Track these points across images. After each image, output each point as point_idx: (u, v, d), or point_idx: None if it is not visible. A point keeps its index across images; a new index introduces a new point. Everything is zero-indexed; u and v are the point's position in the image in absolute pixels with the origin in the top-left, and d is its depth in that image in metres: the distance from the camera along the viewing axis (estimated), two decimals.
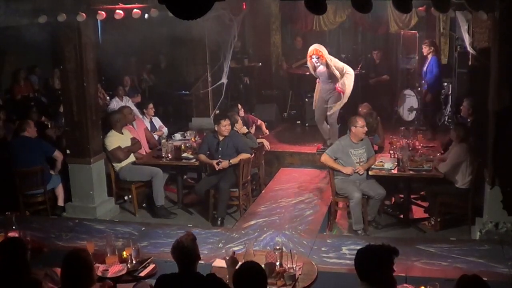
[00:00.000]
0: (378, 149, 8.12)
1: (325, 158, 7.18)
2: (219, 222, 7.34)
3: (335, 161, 7.09)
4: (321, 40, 12.38)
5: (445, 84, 10.63)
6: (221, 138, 7.57)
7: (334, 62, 8.43)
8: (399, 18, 10.95)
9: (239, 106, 8.98)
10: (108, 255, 4.73)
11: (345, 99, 8.42)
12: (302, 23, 12.00)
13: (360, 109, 8.27)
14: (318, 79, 8.76)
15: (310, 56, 8.44)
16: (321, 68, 8.48)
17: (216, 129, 7.60)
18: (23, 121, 7.92)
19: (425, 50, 9.80)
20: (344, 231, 7.25)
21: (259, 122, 9.27)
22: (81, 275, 3.72)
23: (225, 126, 7.51)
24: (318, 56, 8.35)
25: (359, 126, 7.01)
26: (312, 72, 8.70)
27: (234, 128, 7.93)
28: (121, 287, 4.70)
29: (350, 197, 6.94)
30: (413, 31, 11.25)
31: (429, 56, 9.76)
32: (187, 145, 8.37)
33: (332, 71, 8.34)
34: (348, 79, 8.36)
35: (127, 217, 7.92)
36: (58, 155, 7.83)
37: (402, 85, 11.31)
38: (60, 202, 7.88)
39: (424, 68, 9.87)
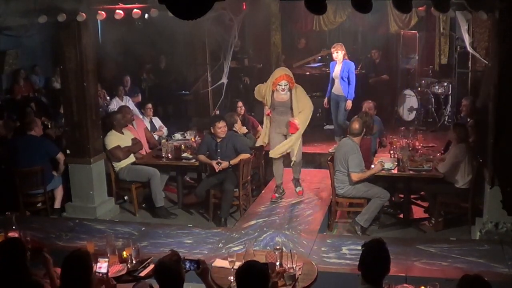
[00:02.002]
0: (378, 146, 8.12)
1: (358, 177, 6.89)
2: (223, 222, 7.33)
3: (364, 172, 6.99)
4: (321, 40, 12.51)
5: (445, 84, 10.65)
6: (218, 139, 7.56)
7: (301, 91, 7.28)
8: (399, 18, 10.95)
9: (240, 103, 8.82)
10: (108, 255, 4.72)
11: (298, 137, 7.29)
12: (302, 23, 12.02)
13: (365, 104, 8.27)
14: (268, 111, 7.29)
15: (276, 83, 7.10)
16: (284, 96, 7.19)
17: (212, 131, 7.58)
18: (31, 120, 7.93)
19: (337, 55, 8.75)
20: (344, 231, 7.25)
21: (259, 128, 9.16)
22: (80, 276, 3.71)
23: (220, 128, 7.48)
24: (287, 82, 7.11)
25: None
26: (265, 102, 7.29)
27: (234, 129, 7.91)
28: (121, 287, 4.70)
29: (382, 196, 6.87)
30: (413, 31, 11.27)
31: (341, 60, 8.77)
32: (187, 145, 8.37)
33: (295, 101, 7.18)
34: (307, 114, 7.26)
35: (127, 217, 7.92)
36: (61, 157, 7.78)
37: (402, 85, 11.32)
38: (57, 204, 7.83)
39: (334, 74, 8.89)
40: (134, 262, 4.67)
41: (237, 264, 4.26)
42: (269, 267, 4.31)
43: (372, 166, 7.18)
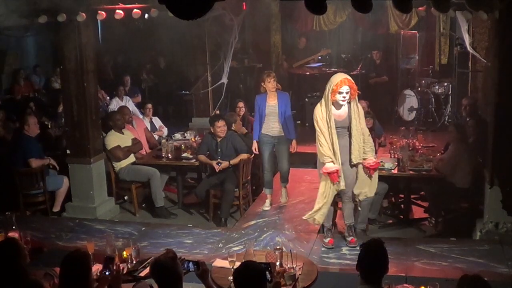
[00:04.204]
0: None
1: None
2: (223, 222, 7.32)
3: None
4: (321, 40, 12.51)
5: (445, 84, 10.65)
6: (219, 139, 7.56)
7: (358, 103, 5.82)
8: (399, 18, 10.97)
9: (241, 104, 8.72)
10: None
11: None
12: (302, 23, 12.03)
13: None
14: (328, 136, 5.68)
15: (336, 90, 5.58)
16: (343, 114, 5.75)
17: (212, 130, 7.59)
18: (24, 117, 7.91)
19: (271, 85, 7.06)
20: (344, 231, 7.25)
21: None
22: (79, 276, 3.69)
23: (219, 127, 7.47)
24: (350, 88, 5.62)
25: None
26: (325, 126, 5.66)
27: (233, 128, 7.90)
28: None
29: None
30: (413, 31, 11.28)
31: (272, 94, 7.14)
32: (187, 145, 8.37)
33: (355, 117, 5.75)
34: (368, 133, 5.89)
35: (127, 217, 7.91)
36: (32, 162, 7.50)
37: (402, 85, 11.33)
38: (56, 207, 7.79)
39: (267, 110, 7.13)
40: (134, 262, 4.67)
41: (237, 264, 4.26)
42: (272, 267, 4.31)
43: None
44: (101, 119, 8.20)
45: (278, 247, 4.59)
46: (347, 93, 5.61)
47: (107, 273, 4.23)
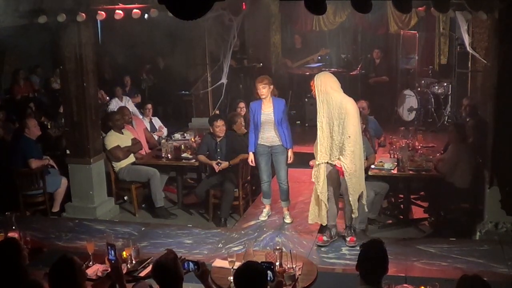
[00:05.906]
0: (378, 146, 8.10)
1: None
2: (222, 223, 7.32)
3: None
4: (321, 40, 12.51)
5: (445, 84, 10.65)
6: (218, 139, 7.56)
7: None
8: (399, 18, 10.97)
9: (242, 104, 8.69)
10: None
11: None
12: (302, 23, 12.03)
13: (358, 104, 8.25)
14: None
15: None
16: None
17: (211, 130, 7.58)
18: (24, 120, 7.91)
19: (261, 92, 6.72)
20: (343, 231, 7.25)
21: None
22: (67, 282, 3.64)
23: (218, 127, 7.47)
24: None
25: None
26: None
27: (233, 128, 7.89)
28: None
29: (363, 196, 6.77)
30: (413, 31, 11.28)
31: (269, 98, 6.76)
32: (187, 145, 8.37)
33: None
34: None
35: (127, 217, 7.92)
36: (32, 162, 7.50)
37: (402, 85, 11.33)
38: (55, 208, 7.79)
39: (262, 118, 6.74)
40: (133, 262, 4.67)
41: (237, 264, 4.26)
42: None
43: (372, 166, 7.16)
44: (101, 119, 8.20)
45: (277, 247, 4.59)
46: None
47: (112, 260, 4.23)
